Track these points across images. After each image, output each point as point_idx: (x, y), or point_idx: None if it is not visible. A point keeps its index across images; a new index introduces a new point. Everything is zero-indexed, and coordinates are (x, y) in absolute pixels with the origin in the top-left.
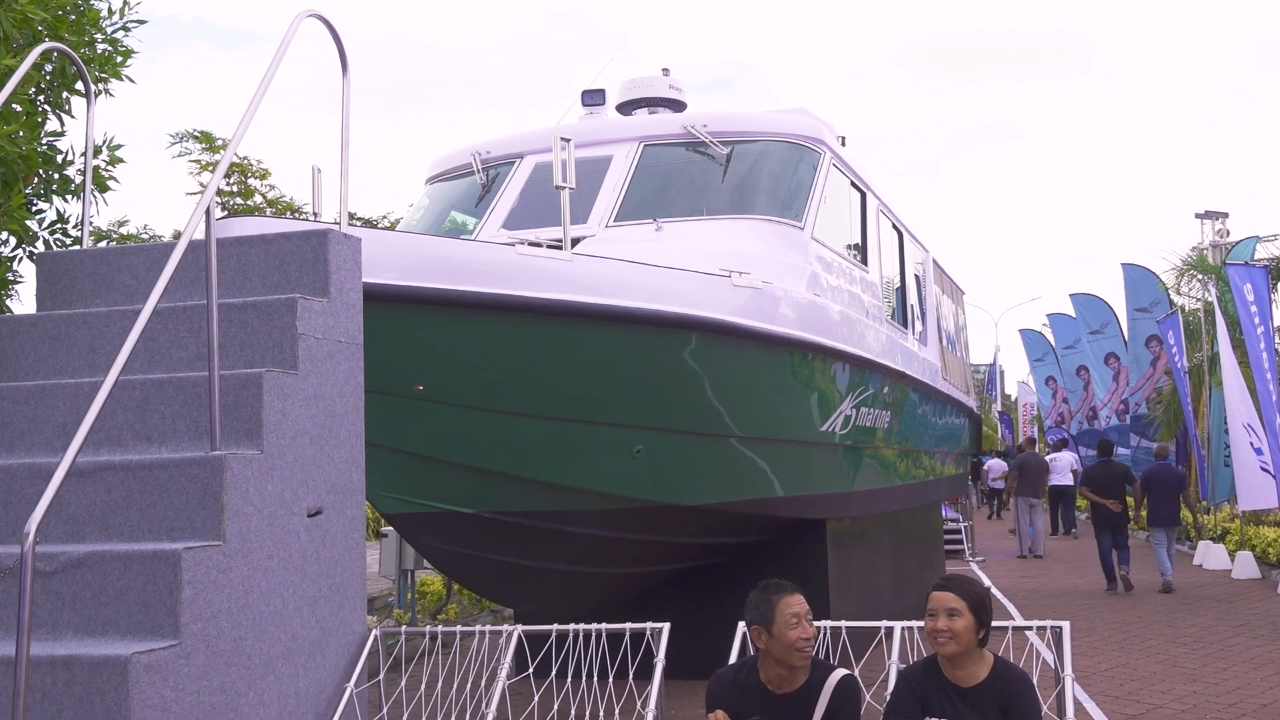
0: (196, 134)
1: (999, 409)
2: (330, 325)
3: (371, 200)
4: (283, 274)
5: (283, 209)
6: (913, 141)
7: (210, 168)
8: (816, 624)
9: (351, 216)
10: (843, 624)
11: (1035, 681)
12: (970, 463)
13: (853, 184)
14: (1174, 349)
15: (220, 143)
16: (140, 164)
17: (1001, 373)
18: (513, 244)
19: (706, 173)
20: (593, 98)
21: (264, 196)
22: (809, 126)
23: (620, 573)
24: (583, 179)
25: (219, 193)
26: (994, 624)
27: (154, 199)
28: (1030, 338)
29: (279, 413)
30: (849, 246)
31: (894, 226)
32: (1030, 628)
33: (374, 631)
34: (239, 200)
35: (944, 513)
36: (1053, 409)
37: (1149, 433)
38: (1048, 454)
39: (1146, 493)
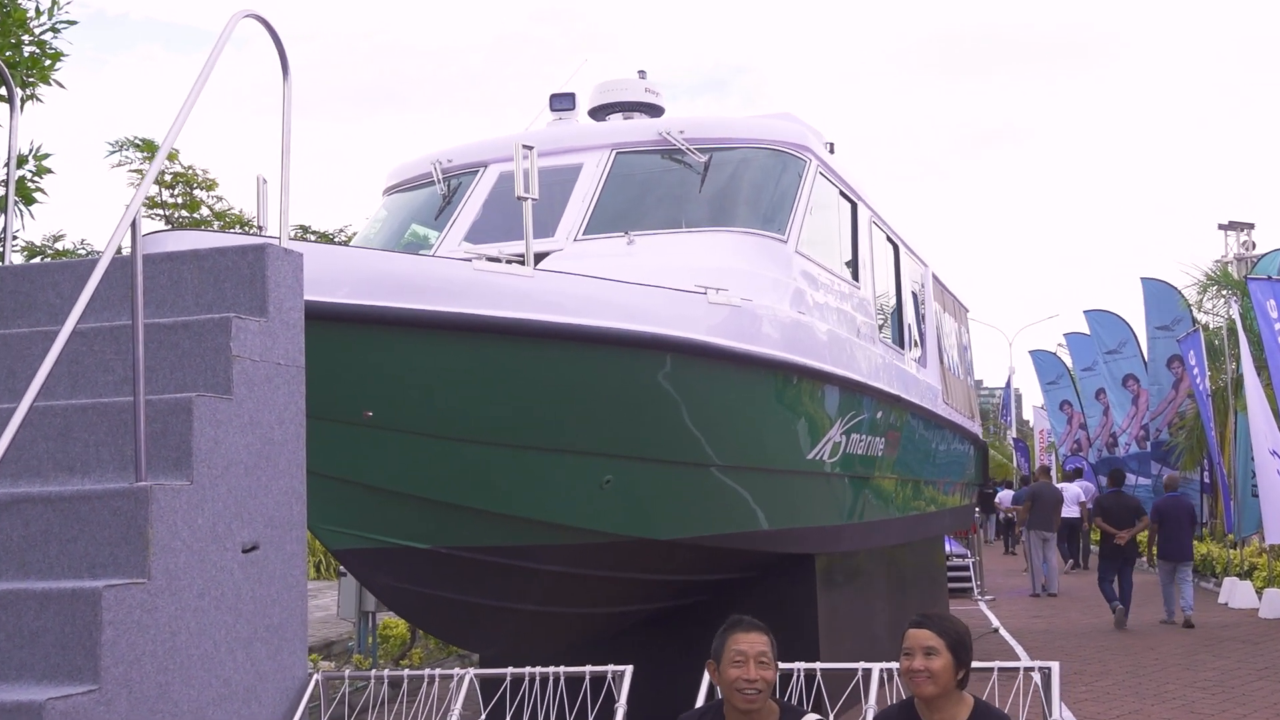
0: (137, 142)
1: (1014, 435)
2: (268, 346)
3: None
4: (218, 292)
5: (231, 222)
6: (917, 145)
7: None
8: (791, 665)
9: (307, 230)
10: (818, 665)
11: None
12: (981, 493)
13: (842, 194)
14: (1195, 370)
15: None
16: (83, 174)
17: (1019, 396)
18: (469, 259)
19: (683, 182)
20: (562, 102)
21: (210, 209)
22: (793, 132)
23: (591, 612)
24: (550, 189)
25: (163, 205)
26: (980, 665)
27: (95, 211)
28: (1042, 359)
29: (211, 440)
30: (838, 261)
31: (889, 239)
32: (1018, 669)
33: (315, 676)
34: (184, 213)
35: (950, 547)
36: (1068, 436)
37: (1170, 461)
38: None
39: (1160, 525)
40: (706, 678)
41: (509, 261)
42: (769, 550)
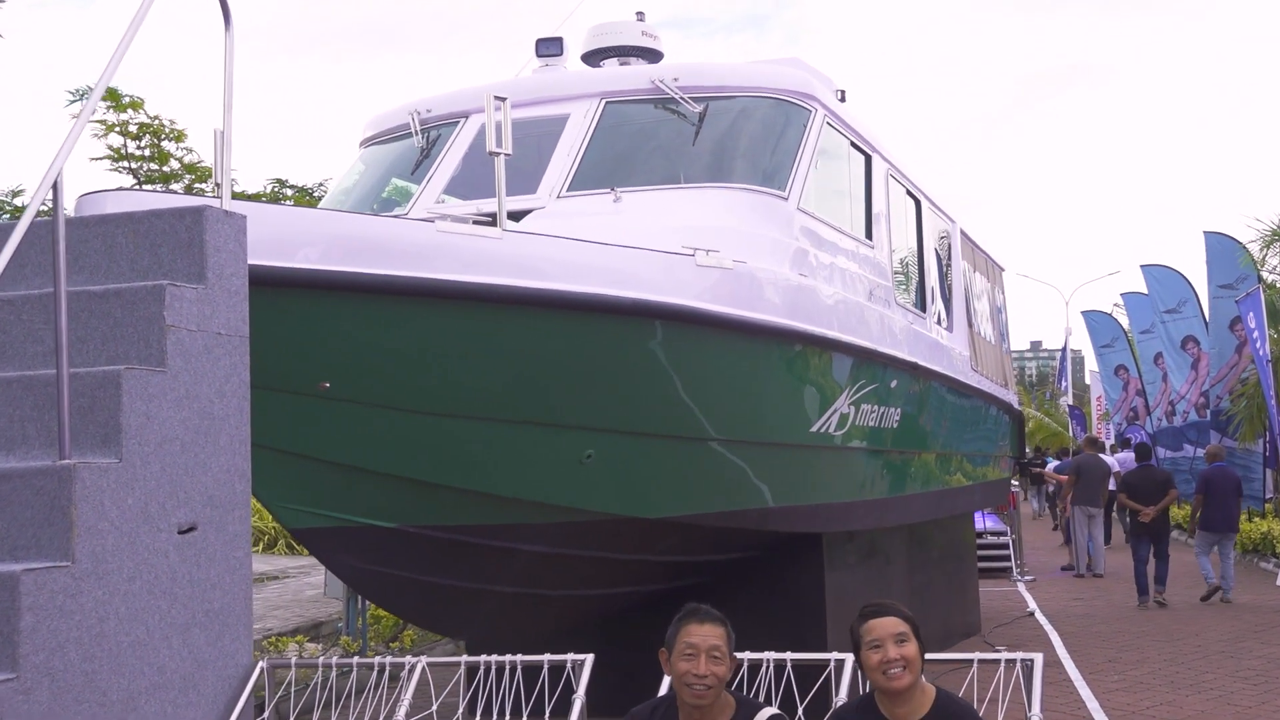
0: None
1: (1069, 402)
2: (206, 315)
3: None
4: (154, 257)
5: (201, 175)
6: (977, 90)
7: (116, 128)
8: (760, 655)
9: (284, 183)
10: (788, 655)
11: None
12: (1028, 465)
13: (854, 145)
14: (1255, 333)
15: (129, 100)
16: (45, 125)
17: (1080, 359)
18: (431, 220)
19: (677, 135)
20: (548, 47)
21: (180, 161)
22: (797, 80)
23: (578, 595)
24: (535, 142)
25: (129, 158)
26: (959, 655)
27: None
28: (1096, 321)
29: (142, 415)
30: (849, 219)
31: (909, 194)
32: (999, 660)
33: (260, 664)
34: (153, 166)
35: (987, 523)
36: (1123, 403)
37: (1228, 431)
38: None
39: (1205, 495)
40: None
41: (481, 221)
42: (771, 529)
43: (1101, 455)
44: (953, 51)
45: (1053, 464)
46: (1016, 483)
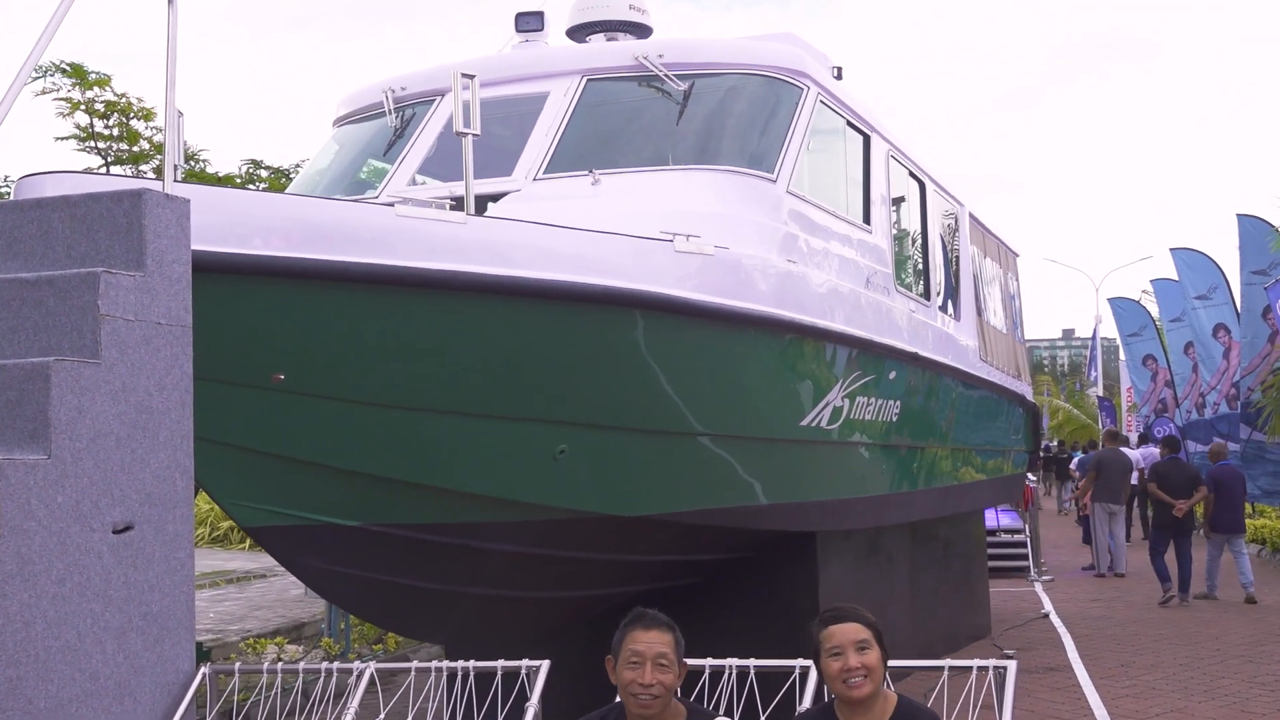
0: (65, 67)
1: (1098, 393)
2: (145, 304)
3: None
4: (91, 243)
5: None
6: (1008, 65)
7: (81, 106)
8: (722, 662)
9: (259, 164)
10: (751, 662)
11: None
12: (1055, 459)
13: (851, 125)
14: None
15: (95, 77)
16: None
17: (1114, 347)
18: (391, 204)
19: (662, 114)
20: (528, 22)
21: (150, 141)
22: (789, 56)
23: (556, 596)
24: (512, 122)
25: (96, 137)
26: (931, 663)
27: (20, 142)
28: (1124, 308)
29: (73, 409)
30: (844, 202)
31: (912, 175)
32: (970, 667)
33: (203, 669)
34: (123, 146)
35: (1004, 520)
36: (1151, 394)
37: (1257, 424)
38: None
39: (1215, 495)
40: None
41: (455, 206)
42: (760, 527)
43: (1124, 449)
44: (983, 25)
45: (1076, 458)
46: (1033, 478)
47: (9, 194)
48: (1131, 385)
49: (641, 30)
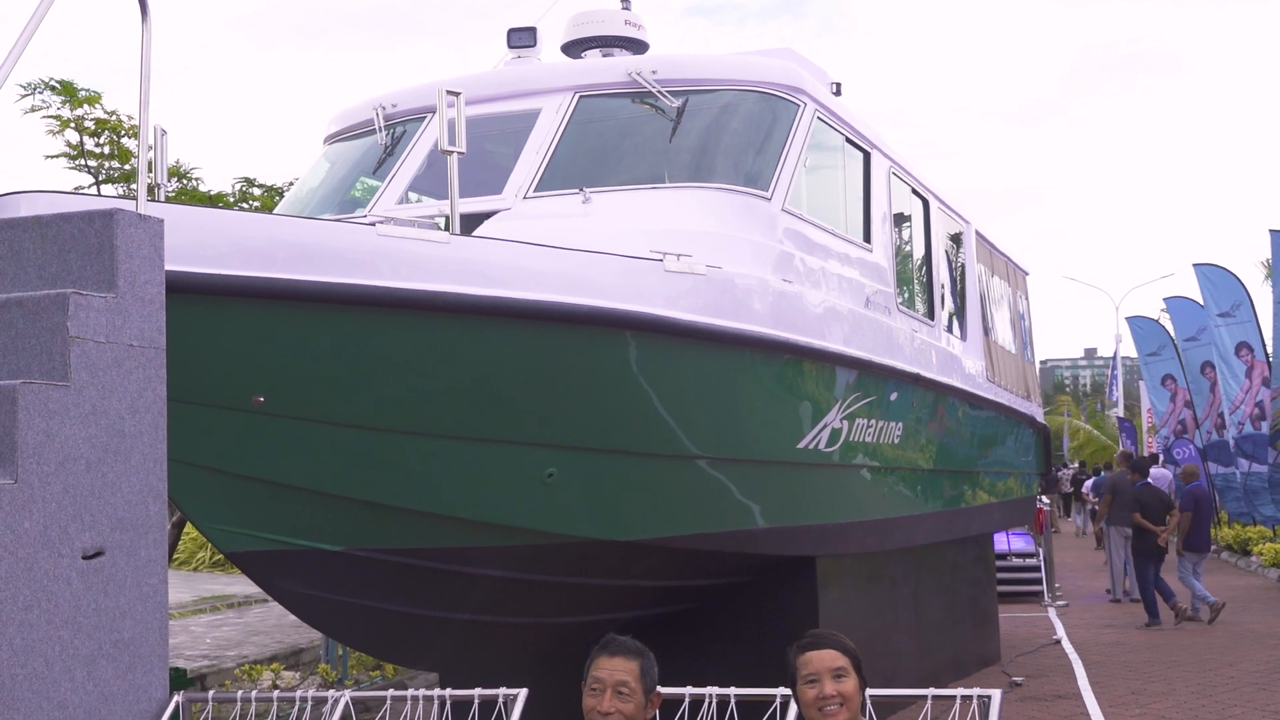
0: (54, 84)
1: (1118, 414)
2: (117, 326)
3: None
4: (63, 264)
5: (169, 173)
6: (1026, 78)
7: (71, 124)
8: (702, 691)
9: (252, 182)
10: (731, 691)
11: None
12: (1074, 478)
13: (850, 142)
14: None
15: (85, 94)
16: None
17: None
18: (373, 223)
19: (654, 131)
20: (520, 38)
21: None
22: (785, 72)
23: (547, 622)
24: (504, 139)
25: (87, 155)
26: (914, 691)
27: (7, 160)
28: (1142, 327)
29: (41, 433)
30: (844, 220)
31: (915, 193)
32: (954, 696)
33: (176, 698)
34: (115, 165)
35: (1021, 544)
36: (1171, 415)
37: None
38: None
39: (1194, 514)
40: None
41: (437, 225)
42: (757, 551)
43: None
44: (1000, 37)
45: (1089, 482)
46: (1046, 500)
47: None
48: (1151, 406)
49: (638, 46)
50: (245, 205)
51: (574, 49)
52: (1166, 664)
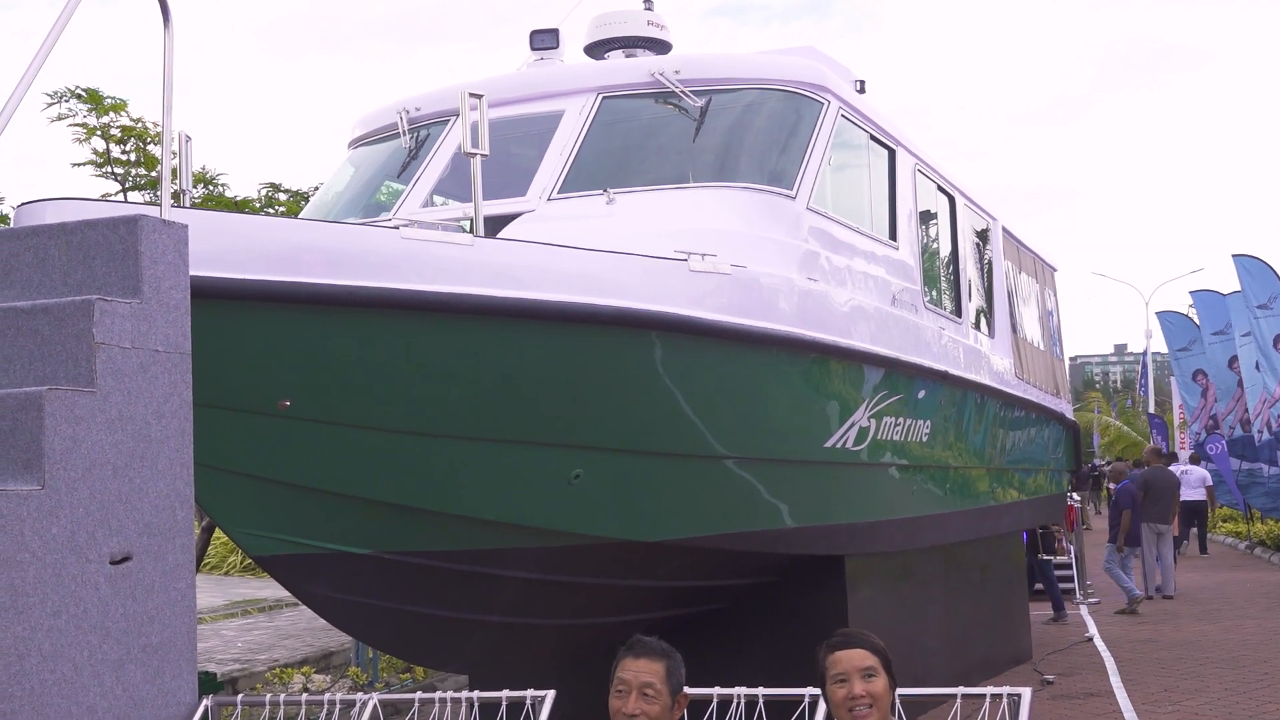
0: (80, 92)
1: (1149, 410)
2: (143, 332)
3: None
4: (88, 270)
5: (194, 179)
6: (1055, 74)
7: (98, 131)
8: (730, 691)
9: (278, 187)
10: (760, 691)
11: None
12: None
13: (875, 139)
14: None
15: (111, 102)
16: (22, 128)
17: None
18: (396, 226)
19: (678, 131)
20: (543, 40)
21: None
22: (808, 70)
23: (576, 624)
24: (527, 141)
25: (113, 163)
26: (943, 690)
27: (38, 169)
28: (1172, 322)
29: (68, 439)
30: (869, 218)
31: (941, 190)
32: (984, 695)
33: (205, 701)
34: (142, 171)
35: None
36: (1202, 411)
37: None
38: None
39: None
40: None
41: (462, 227)
42: (786, 551)
43: (1169, 467)
44: (1028, 34)
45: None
46: (1077, 497)
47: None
48: (1182, 402)
49: (660, 46)
50: (271, 210)
51: (597, 50)
52: (1199, 661)
